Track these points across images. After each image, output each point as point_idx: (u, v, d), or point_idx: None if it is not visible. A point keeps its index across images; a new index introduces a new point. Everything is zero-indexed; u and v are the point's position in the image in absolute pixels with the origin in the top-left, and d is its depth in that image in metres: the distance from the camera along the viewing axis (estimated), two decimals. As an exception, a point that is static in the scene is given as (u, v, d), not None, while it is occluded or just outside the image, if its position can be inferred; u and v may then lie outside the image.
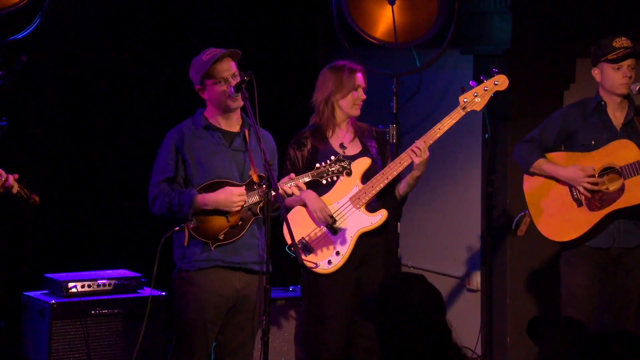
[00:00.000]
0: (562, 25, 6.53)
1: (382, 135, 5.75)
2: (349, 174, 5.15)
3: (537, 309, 6.69)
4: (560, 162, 5.59)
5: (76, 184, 6.81)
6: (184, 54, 5.42)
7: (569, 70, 6.68)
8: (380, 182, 5.50)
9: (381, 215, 5.53)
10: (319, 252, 5.47)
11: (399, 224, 6.19)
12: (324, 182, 5.17)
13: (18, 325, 6.12)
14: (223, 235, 5.02)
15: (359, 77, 5.56)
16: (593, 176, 5.49)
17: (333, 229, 5.51)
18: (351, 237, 5.50)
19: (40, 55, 6.30)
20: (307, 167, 5.41)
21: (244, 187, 5.00)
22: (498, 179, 6.52)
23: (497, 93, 5.60)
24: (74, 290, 5.90)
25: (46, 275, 6.09)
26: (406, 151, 5.53)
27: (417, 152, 5.45)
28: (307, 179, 5.12)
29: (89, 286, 5.96)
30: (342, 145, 5.56)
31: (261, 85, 4.83)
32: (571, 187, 5.56)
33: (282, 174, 5.30)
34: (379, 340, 3.40)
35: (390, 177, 5.50)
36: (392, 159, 5.66)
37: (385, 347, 3.35)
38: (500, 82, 5.58)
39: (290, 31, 7.32)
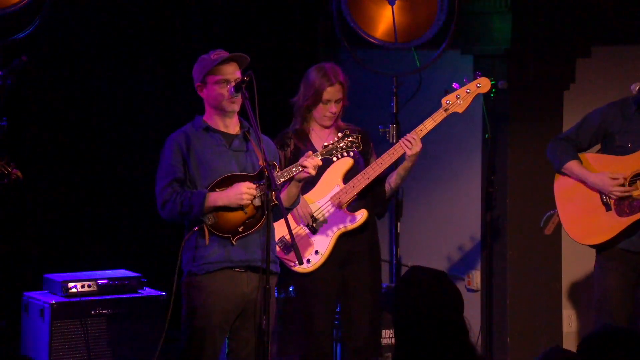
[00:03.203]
0: (562, 25, 6.53)
1: (364, 133, 5.75)
2: (359, 147, 5.12)
3: (537, 310, 6.70)
4: (591, 164, 5.50)
5: (76, 184, 6.80)
6: (184, 54, 5.43)
7: (569, 70, 6.68)
8: (361, 182, 5.53)
9: (361, 215, 5.56)
10: None
11: (399, 224, 6.20)
12: (335, 159, 5.16)
13: (18, 325, 6.12)
14: (242, 227, 4.98)
15: (329, 91, 5.56)
16: (623, 185, 5.38)
17: (313, 228, 5.53)
18: (331, 236, 5.52)
19: (40, 55, 6.30)
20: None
21: (253, 183, 4.95)
22: (498, 179, 6.51)
23: (479, 95, 5.64)
24: (74, 290, 5.90)
25: (46, 275, 6.09)
26: (388, 151, 5.56)
27: (409, 145, 5.47)
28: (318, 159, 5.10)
29: (89, 286, 5.96)
30: (325, 147, 5.57)
31: (261, 86, 4.83)
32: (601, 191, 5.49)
33: None
34: (395, 332, 3.39)
35: (371, 177, 5.52)
36: (376, 155, 5.68)
37: (401, 340, 3.34)
38: (482, 84, 5.61)
39: (290, 31, 7.31)
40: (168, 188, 4.98)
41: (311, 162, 5.00)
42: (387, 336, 6.23)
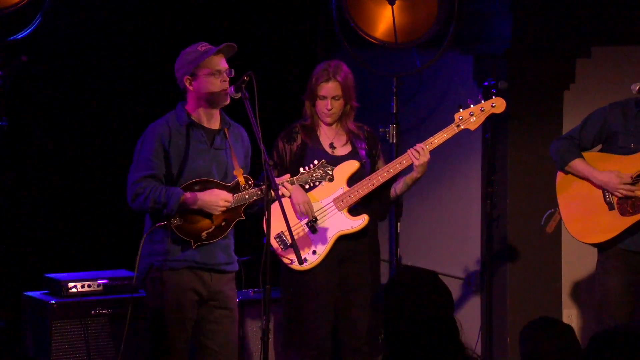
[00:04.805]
0: (562, 25, 6.54)
1: (372, 135, 5.75)
2: (331, 180, 5.13)
3: (537, 310, 6.69)
4: (594, 163, 5.51)
5: (76, 183, 6.80)
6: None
7: (569, 70, 6.68)
8: (365, 187, 5.52)
9: (362, 220, 5.55)
10: None
11: (399, 224, 6.19)
12: (307, 187, 5.19)
13: (18, 325, 6.12)
14: (206, 235, 4.98)
15: (323, 87, 5.55)
16: (629, 183, 5.40)
17: (313, 228, 5.52)
18: (330, 237, 5.52)
19: (40, 55, 6.30)
20: (295, 162, 5.43)
21: (231, 195, 4.97)
22: (498, 179, 6.51)
23: (493, 115, 5.61)
24: (74, 290, 5.91)
25: (46, 275, 6.09)
26: (395, 160, 5.56)
27: (416, 155, 5.46)
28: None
29: (89, 286, 5.96)
30: (332, 145, 5.57)
31: (261, 85, 4.83)
32: (604, 190, 5.48)
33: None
34: (385, 333, 3.40)
35: (377, 184, 5.52)
36: (384, 158, 5.68)
37: (391, 340, 3.35)
38: (497, 104, 5.60)
39: (290, 30, 7.31)
40: (142, 182, 4.94)
41: (282, 190, 4.98)
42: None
